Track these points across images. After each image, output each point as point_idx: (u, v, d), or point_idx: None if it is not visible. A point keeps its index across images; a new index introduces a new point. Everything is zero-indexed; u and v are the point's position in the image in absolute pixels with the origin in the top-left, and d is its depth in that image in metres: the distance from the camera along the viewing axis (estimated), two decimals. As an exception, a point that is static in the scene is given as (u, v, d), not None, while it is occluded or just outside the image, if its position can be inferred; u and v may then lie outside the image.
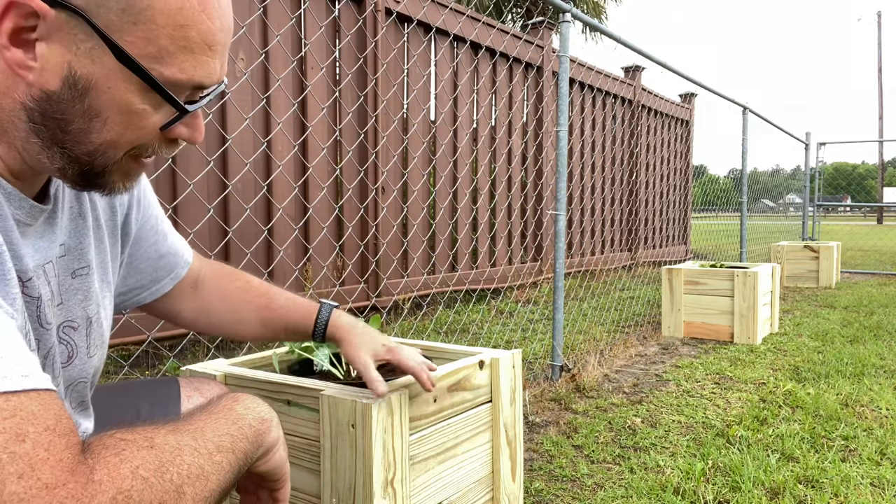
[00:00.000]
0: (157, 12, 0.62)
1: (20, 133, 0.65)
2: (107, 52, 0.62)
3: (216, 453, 0.66)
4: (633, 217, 7.88)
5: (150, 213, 0.97)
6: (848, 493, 1.79)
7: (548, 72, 6.06)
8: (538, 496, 1.78)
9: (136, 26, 0.62)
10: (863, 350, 3.53)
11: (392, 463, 1.09)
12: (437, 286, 4.70)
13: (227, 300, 1.08)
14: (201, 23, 0.65)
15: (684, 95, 9.26)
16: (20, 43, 0.62)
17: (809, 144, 8.70)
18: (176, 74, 0.65)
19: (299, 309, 1.10)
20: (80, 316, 0.81)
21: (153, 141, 0.69)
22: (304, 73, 3.75)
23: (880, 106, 29.73)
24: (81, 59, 0.62)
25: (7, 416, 0.51)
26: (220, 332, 1.09)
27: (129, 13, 0.62)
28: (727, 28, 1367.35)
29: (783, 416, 2.45)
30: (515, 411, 1.44)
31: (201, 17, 0.65)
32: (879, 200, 28.25)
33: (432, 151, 4.83)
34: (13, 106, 0.64)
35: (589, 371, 2.94)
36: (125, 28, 0.62)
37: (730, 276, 3.79)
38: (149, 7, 0.62)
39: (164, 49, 0.64)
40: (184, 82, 0.66)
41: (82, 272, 0.81)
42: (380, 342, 1.09)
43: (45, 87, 0.63)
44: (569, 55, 2.92)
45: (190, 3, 0.64)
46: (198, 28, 0.65)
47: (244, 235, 3.46)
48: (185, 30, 0.64)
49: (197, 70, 0.66)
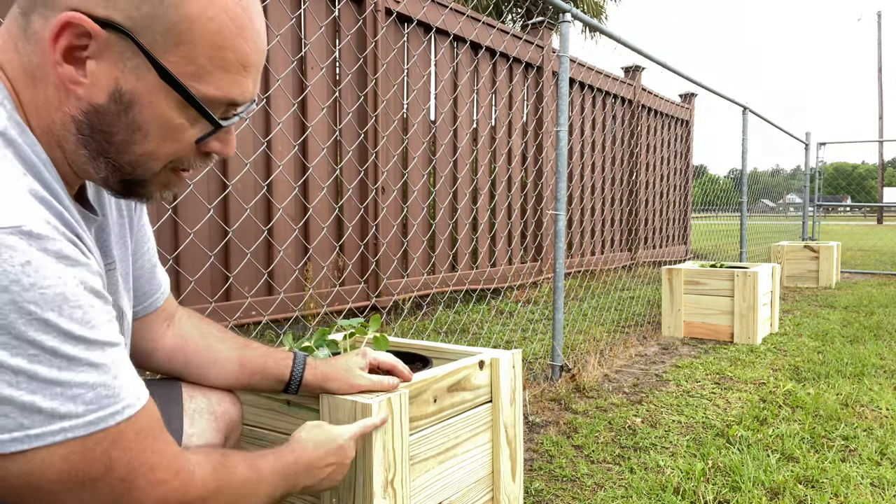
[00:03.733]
0: (197, 34, 0.67)
1: (70, 145, 0.70)
2: (150, 70, 0.67)
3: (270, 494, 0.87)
4: (633, 217, 7.88)
5: (145, 220, 0.99)
6: (848, 493, 1.79)
7: (548, 72, 6.06)
8: (538, 496, 1.78)
9: (178, 47, 0.67)
10: (863, 350, 3.53)
11: (392, 463, 1.09)
12: (437, 286, 4.70)
13: (207, 337, 1.06)
14: (238, 45, 0.70)
15: (684, 95, 9.26)
16: (73, 60, 0.66)
17: (809, 144, 8.70)
18: (212, 92, 0.70)
19: (277, 353, 1.10)
20: (114, 308, 0.85)
21: (189, 154, 0.74)
22: (304, 73, 3.75)
23: (880, 106, 29.73)
24: (127, 76, 0.67)
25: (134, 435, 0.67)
26: (196, 372, 1.04)
27: (172, 34, 0.66)
28: (727, 28, 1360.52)
29: (783, 416, 2.45)
30: (515, 411, 1.44)
31: (238, 40, 0.70)
32: (879, 200, 28.25)
33: (432, 151, 4.83)
34: (63, 119, 0.68)
35: (589, 371, 2.94)
36: (168, 48, 0.67)
37: (730, 276, 3.79)
38: (189, 29, 0.67)
39: (203, 68, 0.69)
40: (219, 99, 0.71)
41: (110, 267, 0.86)
42: (352, 357, 1.14)
43: (93, 101, 0.67)
44: (569, 55, 2.92)
45: (227, 25, 0.69)
46: (234, 49, 0.70)
47: (244, 235, 3.46)
48: (223, 51, 0.69)
49: (232, 88, 0.71)
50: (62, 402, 0.61)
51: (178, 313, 1.07)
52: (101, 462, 0.65)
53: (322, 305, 3.72)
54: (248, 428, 1.25)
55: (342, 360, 1.13)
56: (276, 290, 3.58)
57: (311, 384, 1.09)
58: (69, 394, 0.61)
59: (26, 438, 0.60)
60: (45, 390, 0.60)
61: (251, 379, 1.07)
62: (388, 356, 1.17)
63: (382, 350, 1.26)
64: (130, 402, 0.67)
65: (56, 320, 0.60)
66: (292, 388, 1.08)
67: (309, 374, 1.08)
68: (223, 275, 3.39)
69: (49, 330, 0.59)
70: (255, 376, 1.07)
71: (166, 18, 0.66)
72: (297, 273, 3.73)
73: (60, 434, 0.61)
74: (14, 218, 0.59)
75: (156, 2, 0.65)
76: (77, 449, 0.63)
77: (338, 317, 3.73)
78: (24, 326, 0.58)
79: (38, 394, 0.59)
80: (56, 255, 0.61)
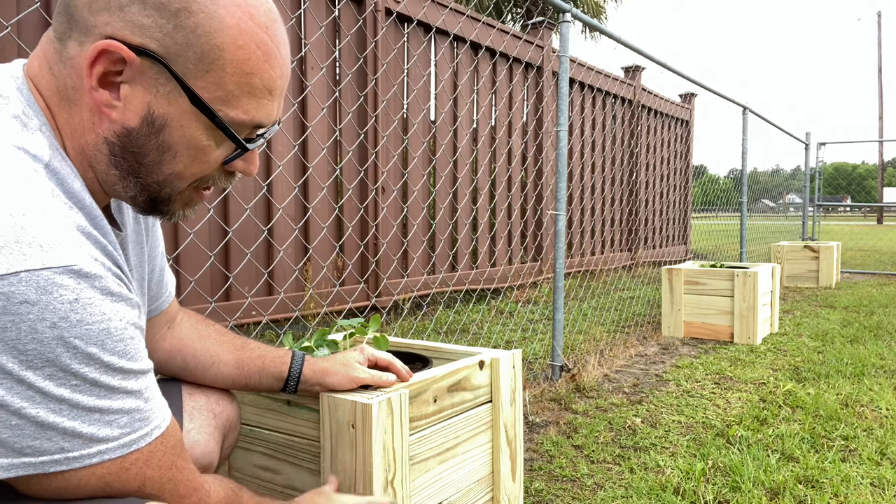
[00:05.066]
0: (227, 62, 0.70)
1: (101, 165, 0.73)
2: (182, 95, 0.70)
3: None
4: (633, 217, 7.88)
5: (157, 225, 1.00)
6: (848, 493, 1.79)
7: (548, 72, 6.06)
8: (538, 496, 1.78)
9: (208, 73, 0.70)
10: (863, 350, 3.53)
11: (392, 463, 1.09)
12: (437, 286, 4.70)
13: (204, 339, 1.08)
14: (264, 71, 0.73)
15: (684, 95, 9.26)
16: (107, 85, 0.69)
17: (809, 144, 8.70)
18: (240, 115, 0.73)
19: (275, 351, 1.11)
20: None
21: (214, 173, 0.77)
22: (304, 73, 3.75)
23: (880, 106, 29.73)
24: (160, 101, 0.70)
25: (163, 453, 0.72)
26: (192, 374, 1.07)
27: (204, 62, 0.69)
28: (727, 28, 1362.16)
29: (783, 416, 2.45)
30: (515, 411, 1.44)
31: (264, 67, 0.73)
32: (879, 200, 28.25)
33: (432, 151, 4.83)
34: (96, 140, 0.71)
35: (589, 371, 2.94)
36: (199, 75, 0.70)
37: (730, 276, 3.79)
38: (220, 58, 0.70)
39: (231, 93, 0.72)
40: (246, 122, 0.74)
41: None
42: (351, 352, 1.15)
43: (126, 124, 0.70)
44: (569, 55, 2.92)
45: (255, 53, 0.72)
46: (261, 76, 0.73)
47: (244, 235, 3.46)
48: (250, 77, 0.72)
49: (258, 112, 0.74)
50: (100, 427, 0.65)
51: (178, 316, 1.07)
52: (137, 480, 0.69)
53: (322, 305, 3.72)
54: (249, 428, 1.25)
55: (340, 356, 1.14)
56: (276, 290, 3.58)
57: (310, 380, 1.09)
58: (106, 419, 0.65)
59: (66, 461, 0.64)
60: (85, 417, 0.64)
61: (249, 379, 1.08)
62: (385, 354, 1.18)
63: (382, 350, 1.26)
64: (158, 423, 0.71)
65: (99, 354, 0.64)
66: (291, 385, 1.08)
67: (307, 369, 1.09)
68: (223, 275, 3.40)
69: (92, 363, 0.63)
70: (254, 376, 1.08)
71: (198, 47, 0.69)
72: (297, 273, 3.73)
73: (97, 456, 0.65)
74: (65, 257, 0.62)
75: (189, 31, 0.68)
76: (113, 469, 0.67)
77: (338, 317, 3.73)
78: (69, 360, 0.62)
79: (79, 420, 0.63)
80: (102, 291, 0.64)
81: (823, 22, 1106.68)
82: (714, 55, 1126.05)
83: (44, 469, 0.63)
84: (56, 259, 0.61)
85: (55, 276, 0.60)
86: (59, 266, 0.61)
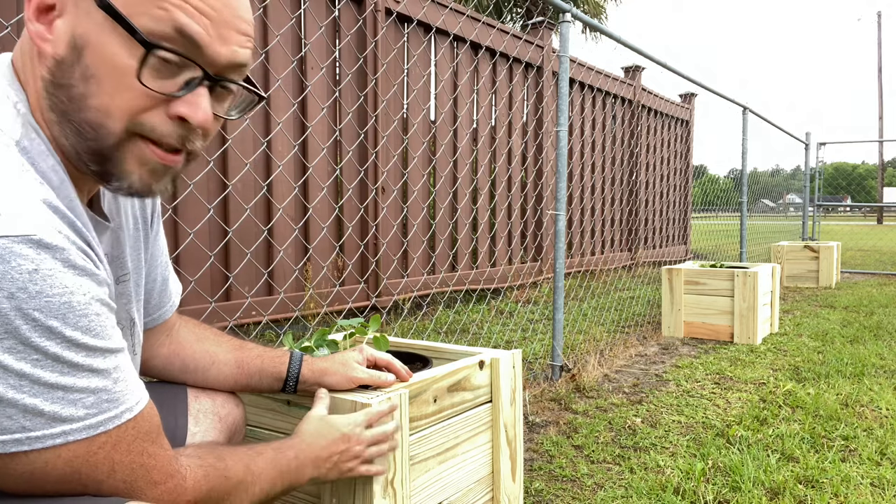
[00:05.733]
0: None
1: (47, 114, 0.69)
2: (94, 6, 0.65)
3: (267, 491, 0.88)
4: (633, 217, 7.88)
5: (161, 235, 1.00)
6: (848, 493, 1.79)
7: (548, 72, 6.06)
8: (538, 496, 1.78)
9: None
10: (863, 350, 3.53)
11: (392, 463, 1.09)
12: (437, 286, 4.70)
13: (203, 341, 1.07)
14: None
15: (684, 95, 9.26)
16: (44, 21, 0.68)
17: (809, 144, 8.70)
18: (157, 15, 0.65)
19: (274, 351, 1.11)
20: (125, 318, 0.87)
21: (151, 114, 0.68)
22: (304, 73, 3.75)
23: (880, 106, 29.73)
24: (81, 19, 0.66)
25: (133, 438, 0.69)
26: (192, 376, 1.06)
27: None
28: (727, 28, 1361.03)
29: (783, 416, 2.45)
30: (515, 411, 1.44)
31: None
32: (879, 200, 28.25)
33: (432, 151, 4.83)
34: (38, 87, 0.69)
35: (589, 371, 2.94)
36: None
37: (730, 276, 3.79)
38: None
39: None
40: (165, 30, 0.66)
41: (124, 279, 0.87)
42: (350, 352, 1.14)
43: (56, 56, 0.67)
44: (569, 55, 2.92)
45: None
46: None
47: (244, 235, 3.46)
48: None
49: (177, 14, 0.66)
50: (63, 406, 0.62)
51: (177, 324, 1.07)
52: (105, 465, 0.66)
53: (322, 305, 3.72)
54: (249, 428, 1.25)
55: (339, 356, 1.14)
56: (276, 290, 3.58)
57: (309, 380, 1.09)
58: (70, 398, 0.63)
59: (27, 440, 0.61)
60: (47, 394, 0.61)
61: (249, 380, 1.08)
62: (385, 354, 1.18)
63: (382, 350, 1.26)
64: (129, 405, 0.68)
65: (60, 328, 0.61)
66: (290, 385, 1.08)
67: (306, 369, 1.09)
68: (223, 275, 3.39)
69: (53, 337, 0.61)
70: (253, 377, 1.08)
71: None
72: (297, 273, 3.73)
73: (61, 437, 0.63)
74: (26, 227, 0.60)
75: None
76: (80, 452, 0.64)
77: (338, 317, 3.73)
78: (29, 333, 0.59)
79: (40, 397, 0.61)
80: (64, 263, 0.62)
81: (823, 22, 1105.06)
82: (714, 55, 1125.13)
83: (4, 449, 0.60)
84: (16, 228, 0.59)
85: (13, 245, 0.59)
86: (17, 235, 0.59)
